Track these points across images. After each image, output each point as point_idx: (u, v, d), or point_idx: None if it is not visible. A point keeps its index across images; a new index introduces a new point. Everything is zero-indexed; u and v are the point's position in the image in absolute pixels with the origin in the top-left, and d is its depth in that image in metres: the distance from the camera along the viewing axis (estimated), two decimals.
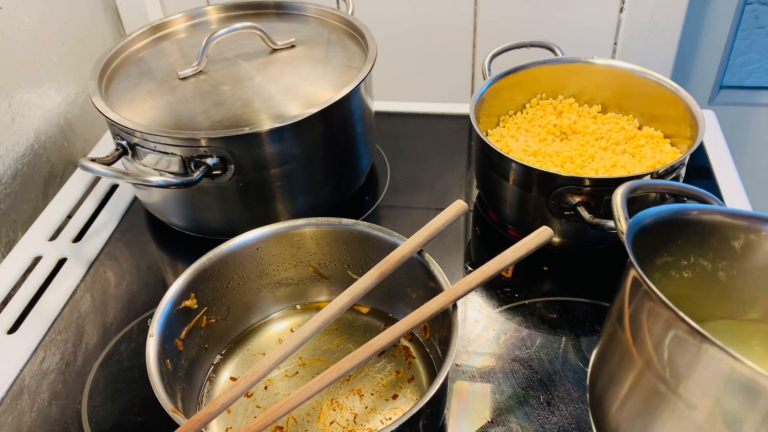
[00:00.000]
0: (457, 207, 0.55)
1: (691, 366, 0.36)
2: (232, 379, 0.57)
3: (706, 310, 0.50)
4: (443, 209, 0.55)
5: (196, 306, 0.55)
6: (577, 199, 0.60)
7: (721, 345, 0.34)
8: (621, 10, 0.97)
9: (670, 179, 0.62)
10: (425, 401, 0.43)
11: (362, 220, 0.60)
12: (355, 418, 0.53)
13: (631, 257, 0.41)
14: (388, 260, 0.53)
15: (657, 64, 0.98)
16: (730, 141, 0.83)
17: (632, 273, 0.41)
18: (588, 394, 0.49)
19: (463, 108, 0.91)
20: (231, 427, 0.53)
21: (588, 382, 0.49)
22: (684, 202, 0.57)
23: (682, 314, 0.36)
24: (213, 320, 0.57)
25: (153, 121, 0.65)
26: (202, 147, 0.62)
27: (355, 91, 0.67)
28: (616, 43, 1.00)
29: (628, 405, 0.42)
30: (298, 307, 0.63)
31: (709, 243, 0.48)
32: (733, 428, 0.35)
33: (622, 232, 0.44)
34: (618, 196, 0.47)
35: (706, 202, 0.52)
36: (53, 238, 0.75)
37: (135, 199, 0.79)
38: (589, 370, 0.49)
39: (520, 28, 1.00)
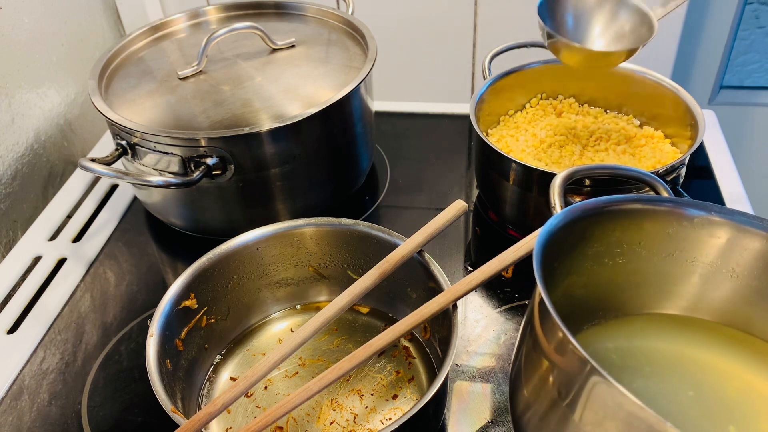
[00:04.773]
0: (457, 207, 0.55)
1: (581, 391, 0.36)
2: (232, 379, 0.57)
3: (644, 299, 0.51)
4: (443, 209, 0.55)
5: (196, 306, 0.55)
6: (578, 199, 0.60)
7: (606, 375, 0.33)
8: None
9: (671, 179, 0.62)
10: (425, 401, 0.43)
11: (362, 220, 0.60)
12: (355, 418, 0.53)
13: (536, 268, 0.40)
14: (388, 260, 0.53)
15: (657, 64, 0.98)
16: (730, 141, 0.83)
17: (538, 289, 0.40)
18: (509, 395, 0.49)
19: (463, 108, 0.91)
20: (231, 427, 0.53)
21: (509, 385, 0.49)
22: (627, 186, 0.59)
23: (573, 340, 0.35)
24: (213, 320, 0.57)
25: (153, 121, 0.65)
26: (202, 147, 0.62)
27: (355, 91, 0.67)
28: None
29: (535, 416, 0.41)
30: (298, 307, 0.63)
31: (644, 230, 0.48)
32: None
33: (554, 209, 0.45)
34: (556, 185, 0.48)
35: (651, 184, 0.53)
36: (53, 238, 0.75)
37: (135, 199, 0.79)
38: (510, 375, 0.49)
39: (520, 28, 1.00)
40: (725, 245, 0.47)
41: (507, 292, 0.64)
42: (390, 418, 0.52)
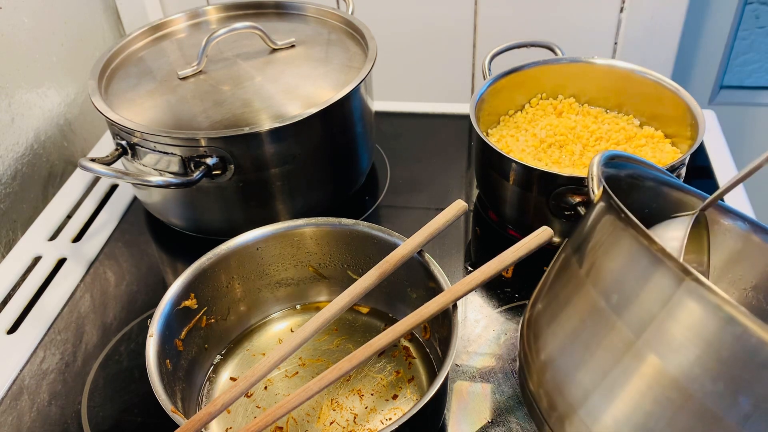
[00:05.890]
0: (457, 207, 0.55)
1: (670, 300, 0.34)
2: (232, 379, 0.57)
3: None
4: (443, 209, 0.55)
5: (196, 306, 0.55)
6: (578, 199, 0.60)
7: (703, 279, 0.32)
8: (621, 10, 0.97)
9: None
10: (425, 401, 0.43)
11: (362, 220, 0.60)
12: (355, 418, 0.53)
13: (604, 183, 0.40)
14: (388, 260, 0.53)
15: (657, 64, 0.98)
16: (730, 141, 0.83)
17: (601, 204, 0.40)
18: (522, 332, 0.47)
19: (463, 108, 0.91)
20: (231, 427, 0.53)
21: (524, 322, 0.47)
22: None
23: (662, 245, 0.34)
24: (213, 320, 0.57)
25: (153, 121, 0.65)
26: (201, 147, 0.62)
27: (355, 91, 0.67)
28: (616, 43, 1.00)
29: (572, 340, 0.40)
30: (298, 307, 0.63)
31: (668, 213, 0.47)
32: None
33: (593, 192, 0.43)
34: (596, 162, 0.47)
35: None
36: (53, 238, 0.75)
37: (135, 199, 0.79)
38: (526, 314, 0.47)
39: (520, 28, 1.00)
40: (746, 260, 0.46)
41: (507, 292, 0.64)
42: (390, 418, 0.52)
